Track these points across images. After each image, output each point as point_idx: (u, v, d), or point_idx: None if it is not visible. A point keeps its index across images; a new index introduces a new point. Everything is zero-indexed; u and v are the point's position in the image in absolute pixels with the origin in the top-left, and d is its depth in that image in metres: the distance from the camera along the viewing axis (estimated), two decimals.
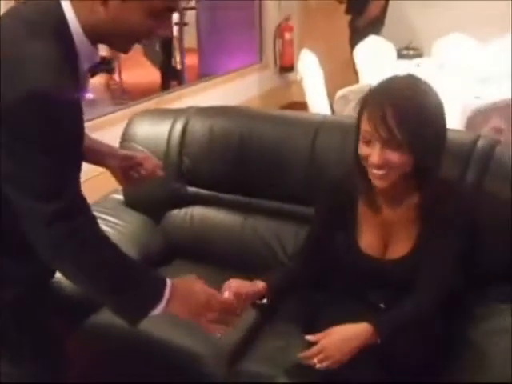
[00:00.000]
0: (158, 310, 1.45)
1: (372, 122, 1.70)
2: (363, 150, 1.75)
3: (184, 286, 1.52)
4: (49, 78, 1.26)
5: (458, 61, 5.05)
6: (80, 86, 1.41)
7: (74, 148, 1.38)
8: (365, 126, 1.73)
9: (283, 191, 2.38)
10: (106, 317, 2.06)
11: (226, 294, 1.76)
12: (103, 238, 1.42)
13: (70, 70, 1.33)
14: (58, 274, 1.55)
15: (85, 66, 1.42)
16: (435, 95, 1.76)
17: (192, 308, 1.52)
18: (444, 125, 1.78)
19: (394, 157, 1.70)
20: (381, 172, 1.73)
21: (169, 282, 1.48)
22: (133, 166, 1.85)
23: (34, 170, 1.29)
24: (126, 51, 1.46)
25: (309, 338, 1.75)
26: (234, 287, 1.80)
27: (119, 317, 1.48)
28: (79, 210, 1.37)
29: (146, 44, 5.43)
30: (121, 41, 1.42)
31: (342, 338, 1.72)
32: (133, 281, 1.45)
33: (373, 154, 1.72)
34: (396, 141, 1.68)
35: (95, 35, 1.39)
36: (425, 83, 1.77)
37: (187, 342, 2.01)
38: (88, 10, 1.35)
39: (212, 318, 1.55)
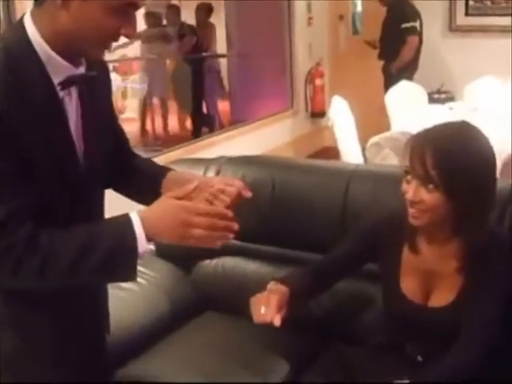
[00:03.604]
0: (141, 247, 1.36)
1: (411, 158, 1.73)
2: (404, 185, 1.78)
3: (156, 209, 1.41)
4: None
5: (492, 104, 5.01)
6: (51, 96, 1.39)
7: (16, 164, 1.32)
8: (406, 162, 1.76)
9: (315, 241, 2.35)
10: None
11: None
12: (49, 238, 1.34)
13: (26, 85, 1.33)
14: None
15: (56, 78, 1.39)
16: (486, 144, 1.77)
17: (171, 230, 1.38)
18: (491, 175, 1.77)
19: (428, 197, 1.71)
20: (414, 210, 1.75)
21: (134, 216, 1.37)
22: (214, 194, 1.64)
23: None
24: (97, 57, 1.44)
25: None
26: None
27: (114, 281, 1.45)
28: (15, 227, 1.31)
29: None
30: (88, 45, 1.38)
31: None
32: (101, 252, 1.35)
33: (409, 190, 1.74)
34: (431, 181, 1.70)
35: (61, 44, 1.37)
36: (477, 131, 1.78)
37: None
38: (49, 17, 1.35)
39: (200, 234, 1.38)
